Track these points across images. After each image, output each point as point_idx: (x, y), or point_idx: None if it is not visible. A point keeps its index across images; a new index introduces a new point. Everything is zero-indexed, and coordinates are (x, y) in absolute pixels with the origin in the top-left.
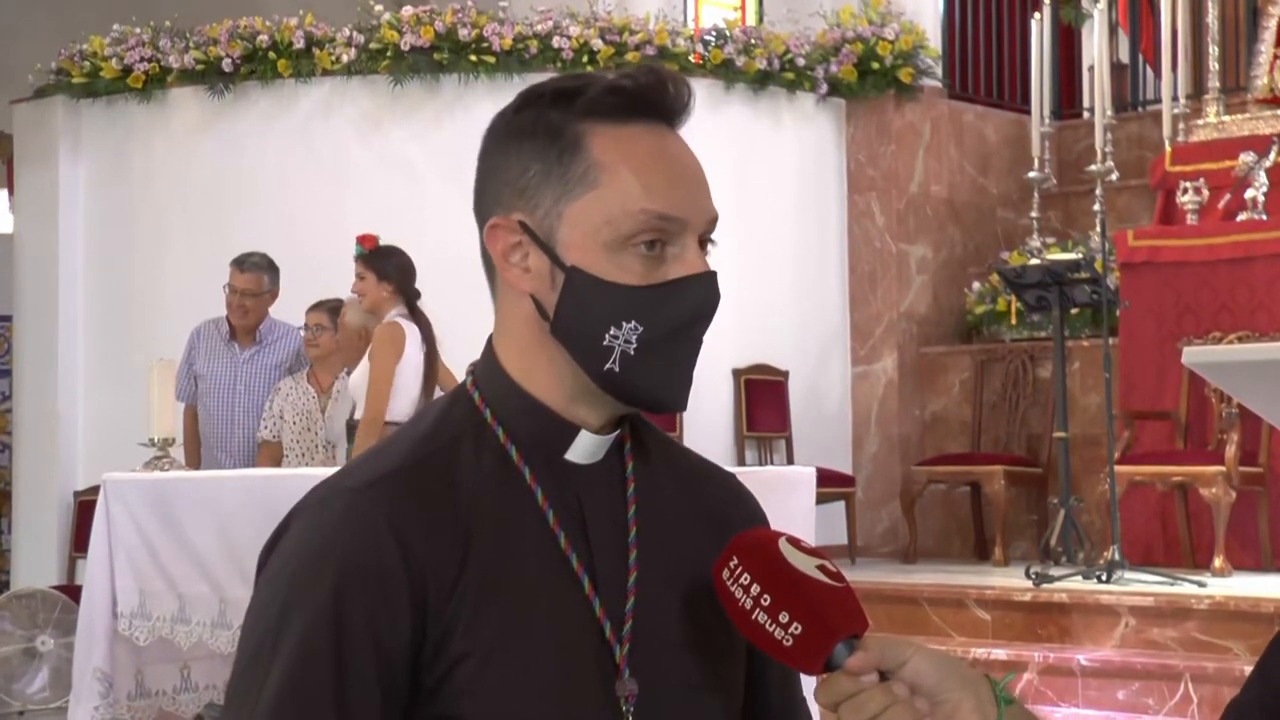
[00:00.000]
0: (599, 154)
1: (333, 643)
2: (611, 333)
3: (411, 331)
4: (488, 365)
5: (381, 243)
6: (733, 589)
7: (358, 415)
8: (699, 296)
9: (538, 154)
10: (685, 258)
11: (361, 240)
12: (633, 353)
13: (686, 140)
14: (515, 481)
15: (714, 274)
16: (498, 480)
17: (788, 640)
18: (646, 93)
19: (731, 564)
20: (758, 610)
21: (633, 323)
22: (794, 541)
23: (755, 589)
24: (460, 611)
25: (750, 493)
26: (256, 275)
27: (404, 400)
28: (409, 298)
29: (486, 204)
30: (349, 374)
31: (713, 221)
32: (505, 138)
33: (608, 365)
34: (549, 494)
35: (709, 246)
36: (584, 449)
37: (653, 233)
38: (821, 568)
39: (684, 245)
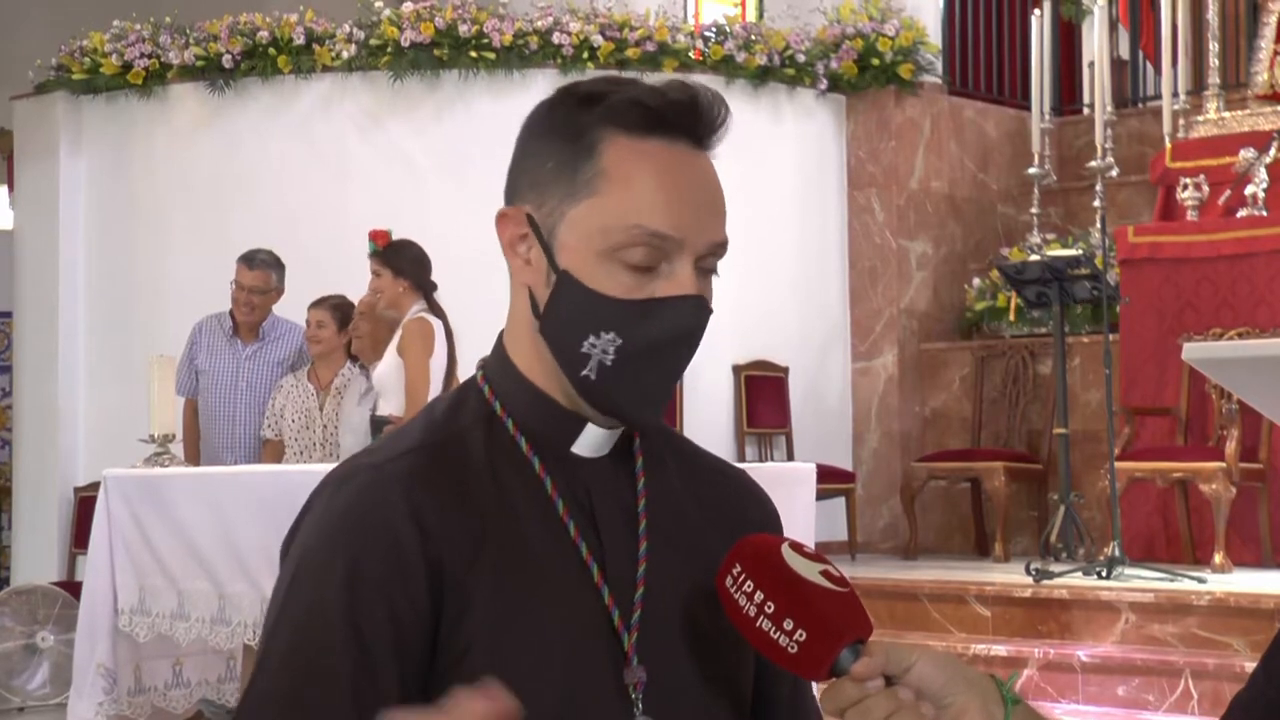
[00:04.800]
0: (608, 163)
1: (350, 623)
2: (590, 341)
3: (438, 327)
4: (498, 358)
5: (393, 237)
6: (736, 596)
7: (380, 410)
8: (680, 318)
9: (556, 151)
10: (676, 278)
11: (374, 237)
12: (609, 364)
13: None
14: (525, 471)
15: (700, 298)
16: (508, 469)
17: (792, 647)
18: (670, 110)
19: (734, 571)
20: (761, 617)
21: (611, 334)
22: (796, 546)
23: (759, 596)
24: (476, 593)
25: (763, 490)
26: (265, 272)
27: (430, 396)
28: (426, 291)
29: (507, 192)
30: (370, 369)
31: (716, 246)
32: (534, 130)
33: (584, 372)
34: (558, 484)
35: (712, 265)
36: (590, 442)
37: (644, 249)
38: (825, 573)
39: (677, 266)
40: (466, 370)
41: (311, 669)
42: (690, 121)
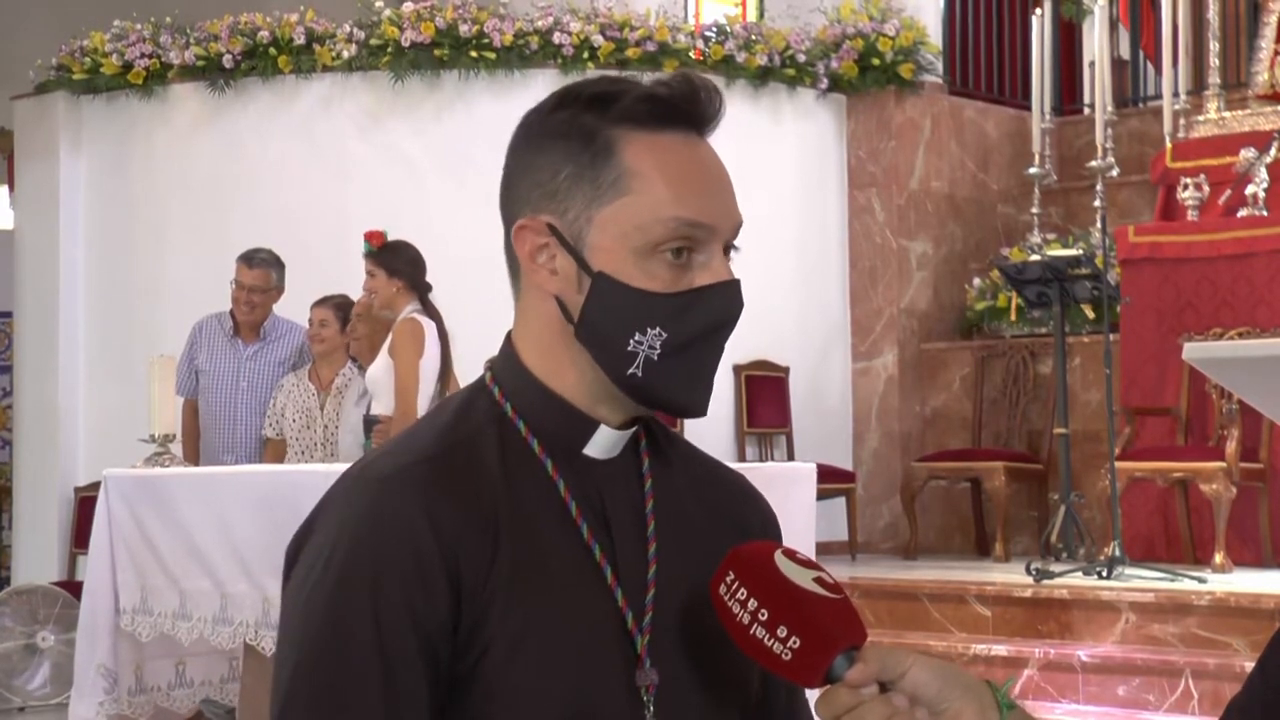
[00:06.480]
0: (631, 161)
1: (376, 637)
2: (636, 338)
3: (430, 328)
4: (507, 360)
5: (388, 238)
6: (730, 604)
7: (374, 410)
8: (723, 304)
9: (570, 157)
10: (711, 265)
11: (369, 237)
12: (656, 358)
13: None
14: (538, 474)
15: (738, 282)
16: (521, 472)
17: (786, 654)
18: (680, 101)
19: (728, 579)
20: (755, 625)
21: (657, 329)
22: (790, 554)
23: (752, 604)
24: (494, 599)
25: (760, 494)
26: (264, 271)
27: (422, 397)
28: (421, 292)
29: (515, 203)
30: (362, 369)
31: (738, 227)
32: (538, 137)
33: (631, 370)
34: (571, 486)
35: (733, 252)
36: (602, 444)
37: (681, 240)
38: (818, 580)
39: (710, 253)
40: (464, 369)
41: (338, 695)
42: (695, 111)
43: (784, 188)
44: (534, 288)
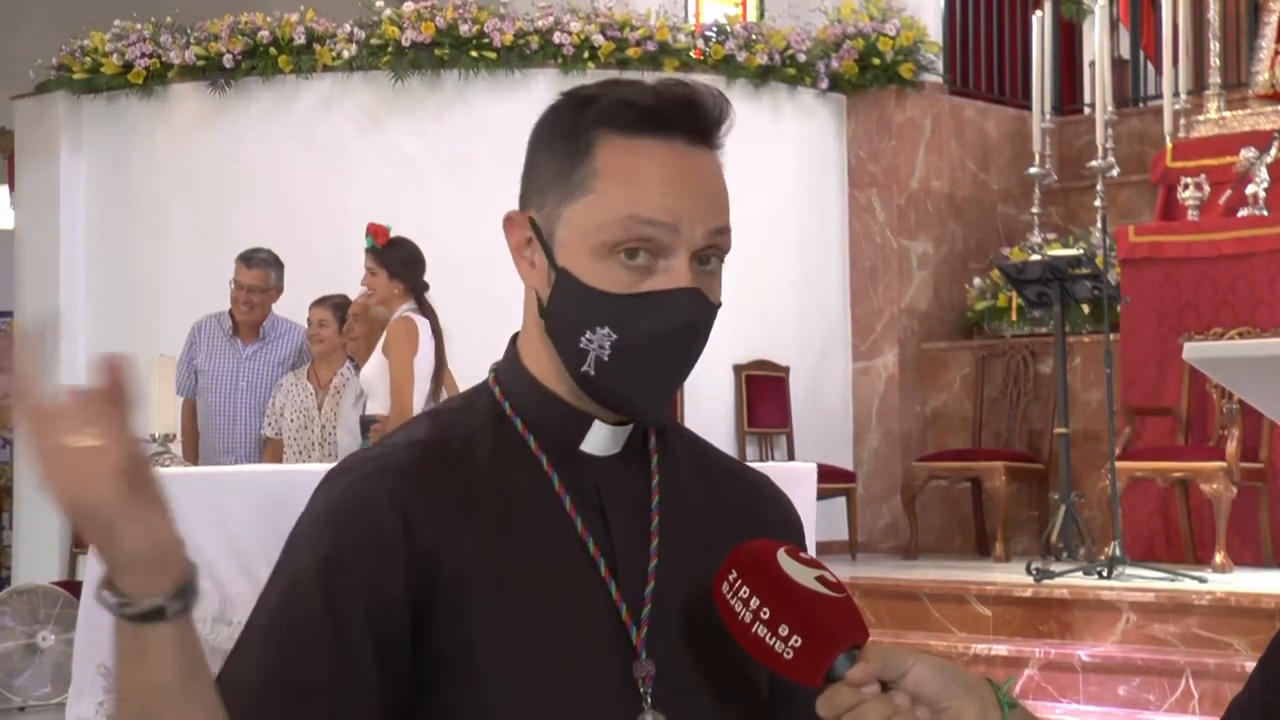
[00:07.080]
0: (602, 163)
1: (326, 606)
2: (587, 336)
3: (424, 326)
4: (509, 360)
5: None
6: (732, 602)
7: (369, 409)
8: (674, 311)
9: (554, 155)
10: (671, 270)
11: (373, 232)
12: (606, 358)
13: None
14: (532, 469)
15: (696, 290)
16: (515, 467)
17: (788, 653)
18: (663, 109)
19: (730, 577)
20: (757, 623)
21: (606, 329)
22: (793, 552)
23: (754, 602)
24: (479, 589)
25: (783, 494)
26: (264, 271)
27: (416, 395)
28: (418, 292)
29: (519, 198)
30: (359, 369)
31: (715, 234)
32: (539, 136)
33: (584, 368)
34: (565, 481)
35: (715, 262)
36: (599, 440)
37: (637, 241)
38: (821, 579)
39: (673, 260)
40: (465, 369)
41: (287, 657)
42: (685, 118)
43: (784, 187)
44: (523, 281)
